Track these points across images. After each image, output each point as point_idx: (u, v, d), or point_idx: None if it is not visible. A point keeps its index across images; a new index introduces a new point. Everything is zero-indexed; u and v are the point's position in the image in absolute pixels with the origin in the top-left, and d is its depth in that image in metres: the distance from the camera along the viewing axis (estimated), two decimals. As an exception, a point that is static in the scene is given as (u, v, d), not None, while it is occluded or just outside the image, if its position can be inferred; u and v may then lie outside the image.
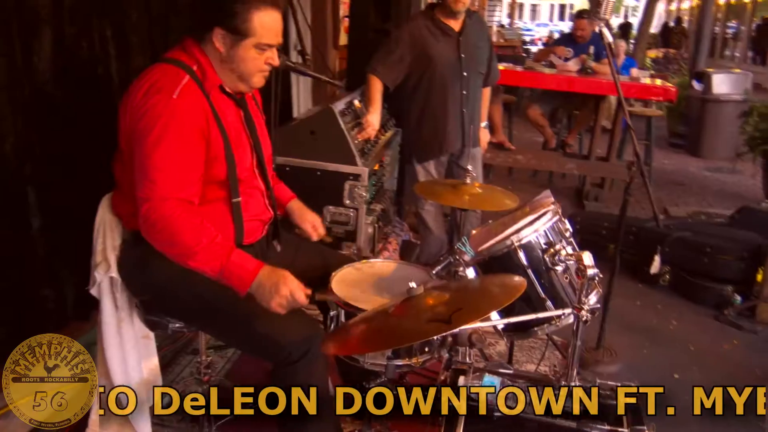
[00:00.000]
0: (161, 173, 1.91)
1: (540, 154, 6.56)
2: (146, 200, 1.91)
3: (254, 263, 1.92)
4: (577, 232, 4.75)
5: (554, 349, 3.27)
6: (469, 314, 1.55)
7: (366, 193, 3.47)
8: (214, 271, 1.90)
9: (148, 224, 1.91)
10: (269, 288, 1.89)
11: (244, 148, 2.17)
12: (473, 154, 3.91)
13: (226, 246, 1.92)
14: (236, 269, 1.90)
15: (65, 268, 2.58)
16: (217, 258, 1.89)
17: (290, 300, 1.90)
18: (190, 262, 1.90)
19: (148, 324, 2.25)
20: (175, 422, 2.60)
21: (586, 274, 1.72)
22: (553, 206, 2.11)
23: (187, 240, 1.89)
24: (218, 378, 2.84)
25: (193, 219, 1.92)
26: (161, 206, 1.90)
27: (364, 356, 2.01)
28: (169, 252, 1.93)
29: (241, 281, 1.91)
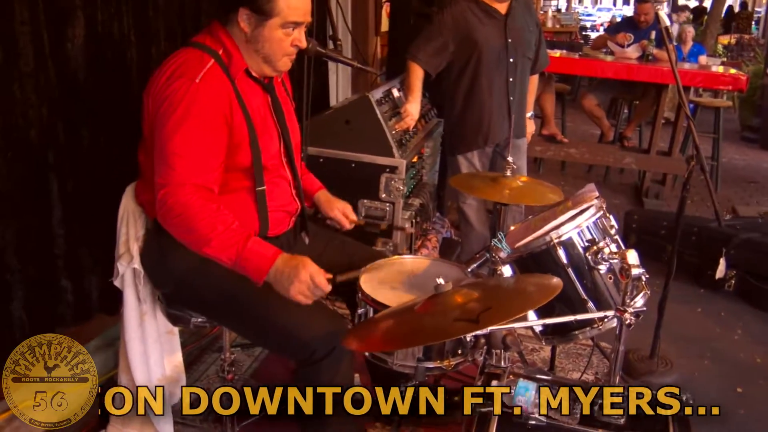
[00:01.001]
0: (180, 158, 1.95)
1: (595, 148, 6.47)
2: (163, 185, 1.95)
3: (272, 250, 1.95)
4: (634, 231, 4.84)
5: (603, 356, 3.24)
6: (499, 314, 1.55)
7: (403, 187, 3.47)
8: (230, 259, 1.93)
9: (165, 210, 1.95)
10: (287, 274, 1.91)
11: (270, 135, 2.20)
12: (518, 146, 3.88)
13: (242, 233, 1.95)
14: (253, 257, 1.92)
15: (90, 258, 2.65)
16: (232, 245, 1.92)
17: (311, 286, 1.91)
18: (206, 249, 1.93)
19: (170, 318, 2.29)
20: (198, 422, 2.64)
21: (631, 273, 1.70)
22: (596, 201, 2.08)
23: (202, 226, 1.92)
24: (243, 377, 2.87)
25: (209, 205, 1.95)
26: (178, 191, 1.94)
27: (392, 357, 2.02)
28: (186, 239, 1.97)
29: (257, 269, 1.93)
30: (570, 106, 7.36)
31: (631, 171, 6.89)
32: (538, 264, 2.04)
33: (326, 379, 2.01)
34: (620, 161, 6.18)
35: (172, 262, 2.17)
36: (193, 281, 2.15)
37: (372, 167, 3.48)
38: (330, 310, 2.14)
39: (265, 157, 2.16)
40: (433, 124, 4.22)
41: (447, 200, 4.85)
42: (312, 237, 2.48)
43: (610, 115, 7.27)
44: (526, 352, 3.41)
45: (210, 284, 2.13)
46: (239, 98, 2.08)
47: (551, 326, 2.11)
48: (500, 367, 1.99)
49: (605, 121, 6.87)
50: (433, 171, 4.42)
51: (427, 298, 1.72)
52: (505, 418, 1.81)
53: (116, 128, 2.64)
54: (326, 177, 2.67)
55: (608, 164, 6.54)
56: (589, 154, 6.23)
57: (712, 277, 4.40)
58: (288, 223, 2.33)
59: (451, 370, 2.05)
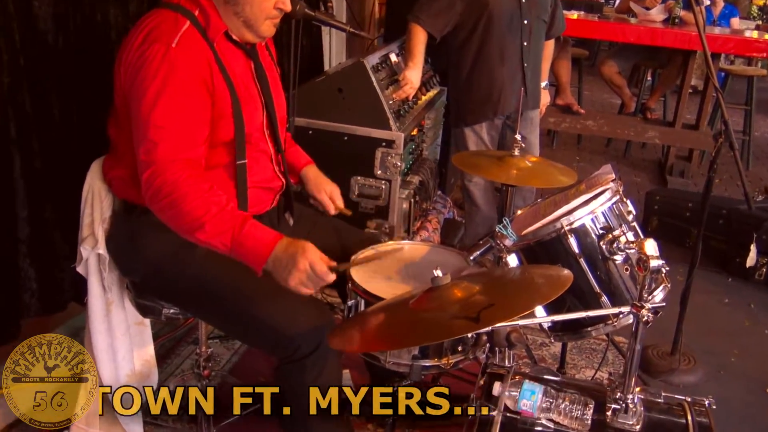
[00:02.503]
0: (164, 132, 1.93)
1: (615, 120, 6.45)
2: (149, 164, 1.92)
3: (271, 235, 1.92)
4: (656, 214, 4.83)
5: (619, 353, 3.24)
6: (503, 311, 1.53)
7: (401, 163, 3.46)
8: (225, 245, 1.90)
9: (152, 191, 1.92)
10: (285, 263, 1.88)
11: (254, 105, 2.19)
12: (530, 118, 3.88)
13: (238, 215, 1.92)
14: (250, 242, 1.90)
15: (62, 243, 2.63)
16: (227, 229, 1.89)
17: (311, 275, 1.88)
18: (198, 235, 1.90)
19: (139, 308, 2.27)
20: (170, 422, 2.64)
21: (649, 265, 1.68)
22: (613, 184, 2.06)
23: (194, 209, 1.89)
24: (221, 373, 2.87)
25: (201, 184, 1.93)
26: (166, 169, 1.91)
27: (386, 355, 2.01)
28: (176, 224, 1.94)
29: (256, 256, 1.90)
30: (588, 74, 7.32)
31: (654, 146, 6.87)
32: (546, 253, 2.02)
33: (311, 377, 2.00)
34: (642, 135, 6.15)
35: (143, 248, 2.15)
36: (165, 269, 2.14)
37: (366, 141, 3.45)
38: (317, 302, 2.13)
39: (248, 129, 2.14)
40: (436, 93, 4.19)
41: (450, 177, 4.84)
42: (297, 217, 2.47)
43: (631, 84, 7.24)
44: (534, 346, 3.41)
45: (184, 272, 2.11)
46: (220, 64, 2.05)
47: (561, 322, 2.09)
48: (504, 366, 1.99)
49: (626, 90, 6.83)
50: (435, 145, 4.40)
51: (423, 292, 1.71)
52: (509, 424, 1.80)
53: (91, 97, 2.60)
54: (316, 151, 2.64)
55: (629, 138, 6.52)
56: (607, 126, 6.20)
57: (742, 265, 4.40)
58: (270, 201, 2.32)
59: (450, 368, 2.04)
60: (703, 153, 6.31)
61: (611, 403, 1.83)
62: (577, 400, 1.83)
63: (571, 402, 1.82)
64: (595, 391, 1.91)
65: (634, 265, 1.97)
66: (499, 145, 3.89)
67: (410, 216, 3.68)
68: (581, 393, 1.87)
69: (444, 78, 4.20)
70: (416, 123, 3.77)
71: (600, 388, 1.93)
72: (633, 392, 1.83)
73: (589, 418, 1.79)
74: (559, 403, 1.81)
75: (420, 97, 3.91)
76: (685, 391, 3.05)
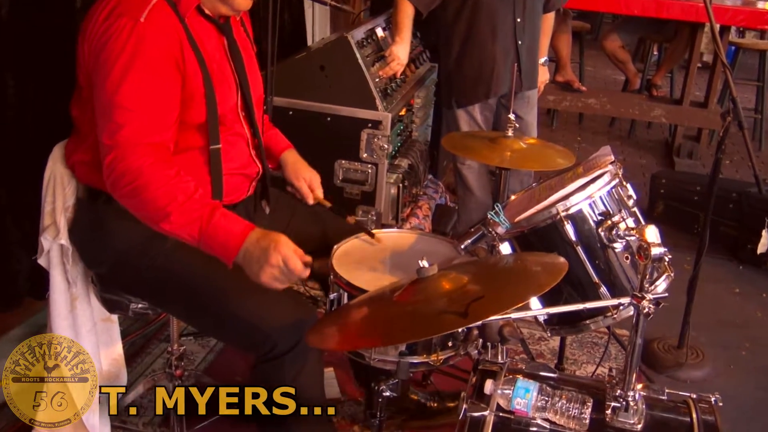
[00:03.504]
0: (130, 113, 1.91)
1: (619, 98, 6.44)
2: (112, 147, 1.91)
3: (241, 226, 1.91)
4: (662, 197, 4.83)
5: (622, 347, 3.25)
6: (494, 304, 1.53)
7: (388, 145, 3.46)
8: (192, 236, 1.89)
9: (114, 177, 1.91)
10: (257, 257, 1.87)
11: (228, 85, 2.17)
12: (527, 98, 3.87)
13: (206, 204, 1.91)
14: (220, 233, 1.89)
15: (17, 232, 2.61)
16: (195, 220, 1.88)
17: (284, 270, 1.87)
18: (164, 225, 1.89)
19: (105, 303, 2.27)
20: (141, 425, 2.65)
21: (650, 253, 1.67)
22: (612, 167, 2.05)
23: (159, 197, 1.89)
24: (195, 372, 2.87)
25: (166, 170, 1.92)
26: (129, 154, 1.90)
27: (370, 351, 2.01)
28: (140, 213, 1.94)
29: (225, 249, 1.89)
30: (590, 48, 7.31)
31: (660, 125, 6.86)
32: (542, 241, 2.02)
33: (290, 376, 2.00)
34: (648, 113, 6.15)
35: (108, 237, 2.14)
36: (133, 260, 2.13)
37: (351, 122, 3.45)
38: (296, 296, 2.14)
39: (221, 111, 2.13)
40: (426, 70, 4.18)
41: (442, 160, 4.83)
42: (275, 205, 2.46)
43: (636, 59, 7.22)
44: (531, 341, 3.41)
45: (153, 264, 2.11)
46: (191, 41, 2.03)
47: (558, 315, 2.10)
48: (497, 362, 1.98)
49: (631, 65, 6.82)
50: (425, 126, 4.39)
51: (408, 284, 1.70)
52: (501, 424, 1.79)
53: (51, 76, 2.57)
54: (296, 133, 2.64)
55: (634, 117, 6.53)
56: (611, 104, 6.19)
57: (753, 251, 4.40)
58: (247, 188, 2.31)
59: (440, 365, 2.04)
60: (712, 133, 6.31)
61: (611, 401, 1.81)
62: (575, 398, 1.82)
63: (568, 400, 1.81)
64: (594, 389, 1.90)
65: (634, 253, 1.97)
66: (494, 126, 3.88)
67: (399, 202, 3.67)
68: (579, 390, 1.86)
69: (434, 54, 4.19)
70: (405, 102, 3.77)
71: (599, 385, 1.92)
72: (634, 389, 1.81)
73: (588, 417, 1.78)
74: (555, 402, 1.80)
75: (408, 74, 3.90)
76: (692, 387, 3.07)
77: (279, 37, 3.10)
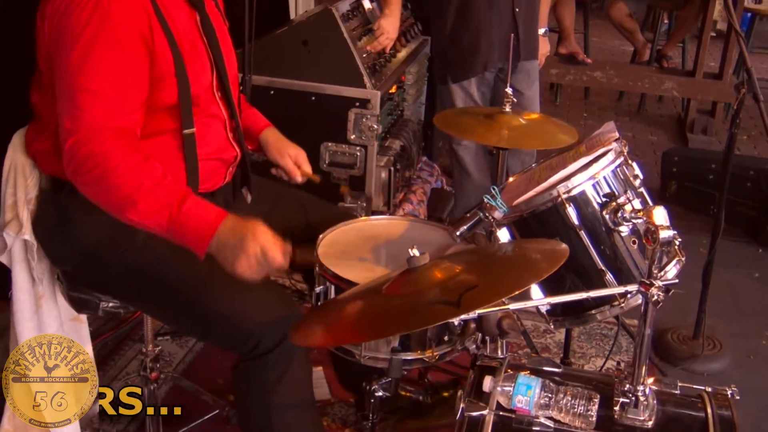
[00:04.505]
0: (93, 96, 1.91)
1: (627, 70, 6.45)
2: (73, 132, 1.90)
3: (214, 213, 1.90)
4: (674, 177, 4.83)
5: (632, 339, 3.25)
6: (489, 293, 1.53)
7: (378, 125, 3.46)
8: (160, 225, 1.88)
9: (75, 164, 1.90)
10: (231, 246, 1.86)
11: (201, 64, 2.17)
12: (527, 70, 3.86)
13: (176, 191, 1.91)
14: (191, 221, 1.88)
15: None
16: (164, 207, 1.87)
17: (261, 261, 1.87)
18: (130, 214, 1.88)
19: (73, 302, 2.26)
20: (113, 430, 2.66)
21: (659, 236, 1.67)
22: (616, 144, 2.05)
23: (124, 183, 1.88)
24: (172, 375, 2.87)
25: (132, 155, 1.91)
26: (92, 139, 1.89)
27: (360, 348, 2.01)
28: (104, 201, 1.93)
29: (197, 238, 1.88)
30: (595, 17, 7.31)
31: (671, 99, 6.86)
32: (542, 226, 2.02)
33: (274, 375, 2.00)
34: (658, 87, 6.17)
35: (75, 231, 2.14)
36: (101, 255, 2.12)
37: (337, 101, 3.46)
38: (280, 290, 2.13)
39: (195, 91, 2.12)
40: (418, 44, 4.18)
41: (437, 141, 4.83)
42: (257, 192, 2.46)
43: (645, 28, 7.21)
44: (536, 334, 3.42)
45: (123, 258, 2.10)
46: (160, 16, 2.02)
47: (561, 305, 2.10)
48: (496, 358, 1.98)
49: (639, 35, 6.82)
50: (418, 104, 4.40)
51: (398, 275, 1.70)
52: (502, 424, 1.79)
53: (8, 58, 2.57)
54: (279, 114, 2.64)
55: (643, 91, 6.53)
56: (618, 78, 6.20)
57: (774, 233, 4.42)
58: (224, 175, 2.31)
59: (435, 362, 2.05)
60: (728, 106, 6.30)
61: (619, 397, 1.81)
62: (581, 394, 1.82)
63: (573, 397, 1.81)
64: (601, 384, 1.90)
65: (642, 236, 1.97)
66: (492, 102, 3.88)
67: (390, 187, 3.68)
68: (586, 386, 1.86)
69: (426, 26, 4.18)
70: (395, 79, 3.77)
71: (607, 379, 1.92)
72: (644, 383, 1.81)
73: (594, 414, 1.78)
74: (560, 399, 1.80)
75: (399, 48, 3.90)
76: (709, 380, 3.08)
77: (258, 11, 3.09)
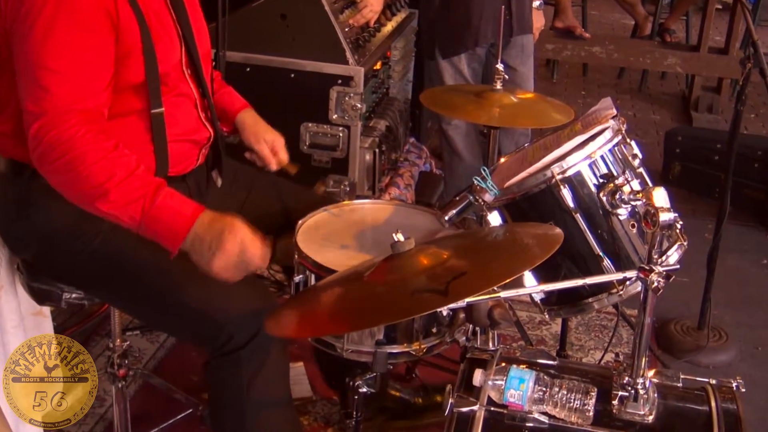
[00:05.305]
0: (57, 76, 1.90)
1: (627, 45, 6.47)
2: (38, 115, 1.89)
3: (191, 207, 1.91)
4: (678, 158, 4.84)
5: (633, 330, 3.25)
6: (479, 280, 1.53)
7: (362, 104, 3.45)
8: (132, 218, 1.88)
9: (42, 149, 1.89)
10: (208, 243, 1.87)
11: (169, 39, 2.16)
12: (521, 45, 3.87)
13: (150, 182, 1.91)
14: (165, 215, 1.88)
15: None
16: (137, 199, 1.87)
17: (240, 259, 1.88)
18: (100, 205, 1.88)
19: (34, 294, 2.25)
20: (79, 431, 2.67)
21: (658, 219, 1.67)
22: (613, 121, 2.05)
23: (94, 173, 1.87)
24: (142, 372, 2.87)
25: (103, 142, 1.90)
26: (59, 122, 1.88)
27: (342, 341, 2.01)
28: (72, 191, 1.93)
29: (171, 232, 1.89)
30: (593, -12, 7.31)
31: (675, 76, 6.87)
32: (535, 209, 2.02)
33: (248, 373, 2.01)
34: (661, 63, 6.19)
35: (36, 218, 2.13)
36: (64, 243, 2.12)
37: (318, 78, 3.45)
38: (255, 281, 2.12)
39: (163, 69, 2.11)
40: (404, 17, 4.17)
41: (425, 121, 4.84)
42: (232, 176, 2.46)
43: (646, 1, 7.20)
44: (531, 326, 3.43)
45: (88, 247, 2.10)
46: None
47: (556, 293, 2.10)
48: (487, 350, 1.98)
49: (640, 8, 6.84)
50: (405, 81, 4.40)
51: (381, 261, 1.70)
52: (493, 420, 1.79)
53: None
54: (255, 93, 2.63)
55: (645, 67, 6.55)
56: (618, 53, 6.21)
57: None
58: (196, 157, 2.30)
59: (423, 355, 2.04)
60: (735, 83, 6.32)
61: (618, 390, 1.82)
62: (577, 387, 1.82)
63: (569, 390, 1.81)
64: (599, 376, 1.91)
65: (641, 219, 1.97)
66: (483, 79, 3.89)
67: (375, 170, 3.68)
68: (582, 379, 1.87)
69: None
70: (380, 54, 3.76)
71: (605, 372, 1.93)
72: (644, 376, 1.82)
73: (591, 408, 1.78)
74: (555, 393, 1.80)
75: (384, 22, 3.89)
76: (715, 372, 3.08)
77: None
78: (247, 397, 2.02)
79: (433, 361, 2.83)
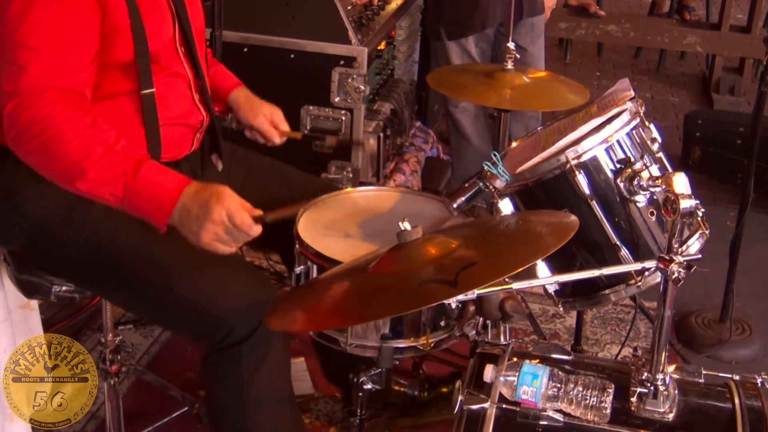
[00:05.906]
0: (35, 53, 1.90)
1: (645, 23, 6.46)
2: (13, 94, 1.90)
3: (176, 180, 1.92)
4: (698, 142, 4.83)
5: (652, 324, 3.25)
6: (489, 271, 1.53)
7: (365, 86, 3.45)
8: (115, 195, 1.89)
9: (18, 129, 1.90)
10: (195, 214, 1.87)
11: (160, 16, 2.16)
12: (532, 24, 3.88)
13: (130, 157, 1.91)
14: (149, 189, 1.89)
15: None
16: (119, 175, 1.88)
17: (229, 228, 1.87)
18: (79, 184, 1.89)
19: (22, 287, 2.25)
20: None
21: (679, 207, 1.66)
22: (631, 104, 2.04)
23: (72, 151, 1.88)
24: (135, 368, 2.88)
25: (81, 119, 1.91)
26: (35, 101, 1.89)
27: (346, 335, 2.00)
28: (49, 170, 1.93)
29: (156, 207, 1.89)
30: (608, -36, 7.29)
31: (695, 56, 6.86)
32: (549, 196, 2.02)
33: (248, 368, 2.01)
34: (680, 42, 6.18)
35: (22, 206, 2.13)
36: (52, 233, 2.12)
37: (319, 59, 3.45)
38: (255, 272, 2.13)
39: (154, 47, 2.11)
40: (409, -5, 4.15)
41: (432, 103, 4.83)
42: (229, 160, 2.46)
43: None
44: (545, 318, 3.43)
45: (78, 237, 2.10)
46: None
47: (570, 284, 2.09)
48: (498, 345, 1.98)
49: (659, -17, 6.81)
50: (410, 62, 4.39)
51: (387, 251, 1.70)
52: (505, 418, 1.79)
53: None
54: (253, 75, 2.64)
55: (663, 47, 6.55)
56: (635, 32, 6.21)
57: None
58: (191, 141, 2.31)
59: (430, 350, 2.04)
60: (758, 63, 6.30)
61: (636, 387, 1.81)
62: (593, 384, 1.82)
63: (584, 387, 1.81)
64: (616, 372, 1.90)
65: (660, 207, 1.96)
66: (492, 60, 3.88)
67: (380, 156, 3.69)
68: (599, 375, 1.86)
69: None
70: (384, 34, 3.76)
71: (623, 368, 1.92)
72: (664, 371, 1.81)
73: (609, 405, 1.78)
74: (570, 389, 1.80)
75: (388, 1, 3.88)
76: (738, 368, 3.09)
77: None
78: (247, 394, 2.03)
79: (441, 356, 2.82)
